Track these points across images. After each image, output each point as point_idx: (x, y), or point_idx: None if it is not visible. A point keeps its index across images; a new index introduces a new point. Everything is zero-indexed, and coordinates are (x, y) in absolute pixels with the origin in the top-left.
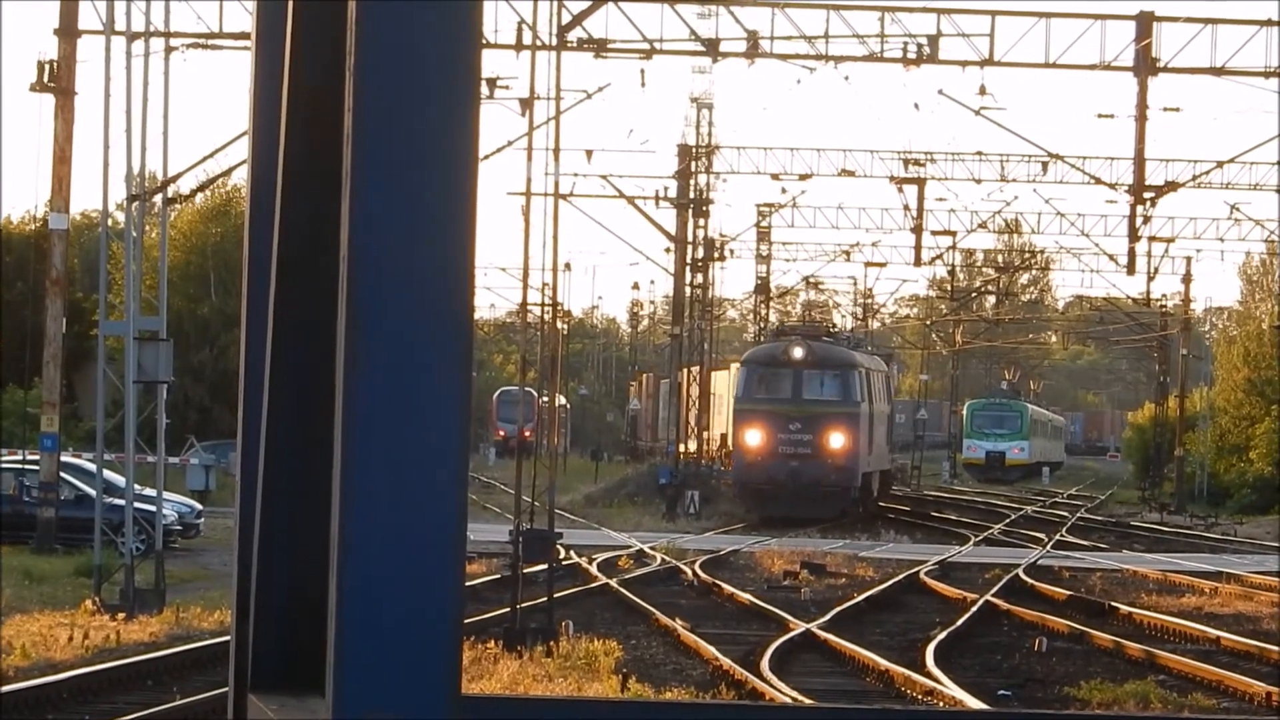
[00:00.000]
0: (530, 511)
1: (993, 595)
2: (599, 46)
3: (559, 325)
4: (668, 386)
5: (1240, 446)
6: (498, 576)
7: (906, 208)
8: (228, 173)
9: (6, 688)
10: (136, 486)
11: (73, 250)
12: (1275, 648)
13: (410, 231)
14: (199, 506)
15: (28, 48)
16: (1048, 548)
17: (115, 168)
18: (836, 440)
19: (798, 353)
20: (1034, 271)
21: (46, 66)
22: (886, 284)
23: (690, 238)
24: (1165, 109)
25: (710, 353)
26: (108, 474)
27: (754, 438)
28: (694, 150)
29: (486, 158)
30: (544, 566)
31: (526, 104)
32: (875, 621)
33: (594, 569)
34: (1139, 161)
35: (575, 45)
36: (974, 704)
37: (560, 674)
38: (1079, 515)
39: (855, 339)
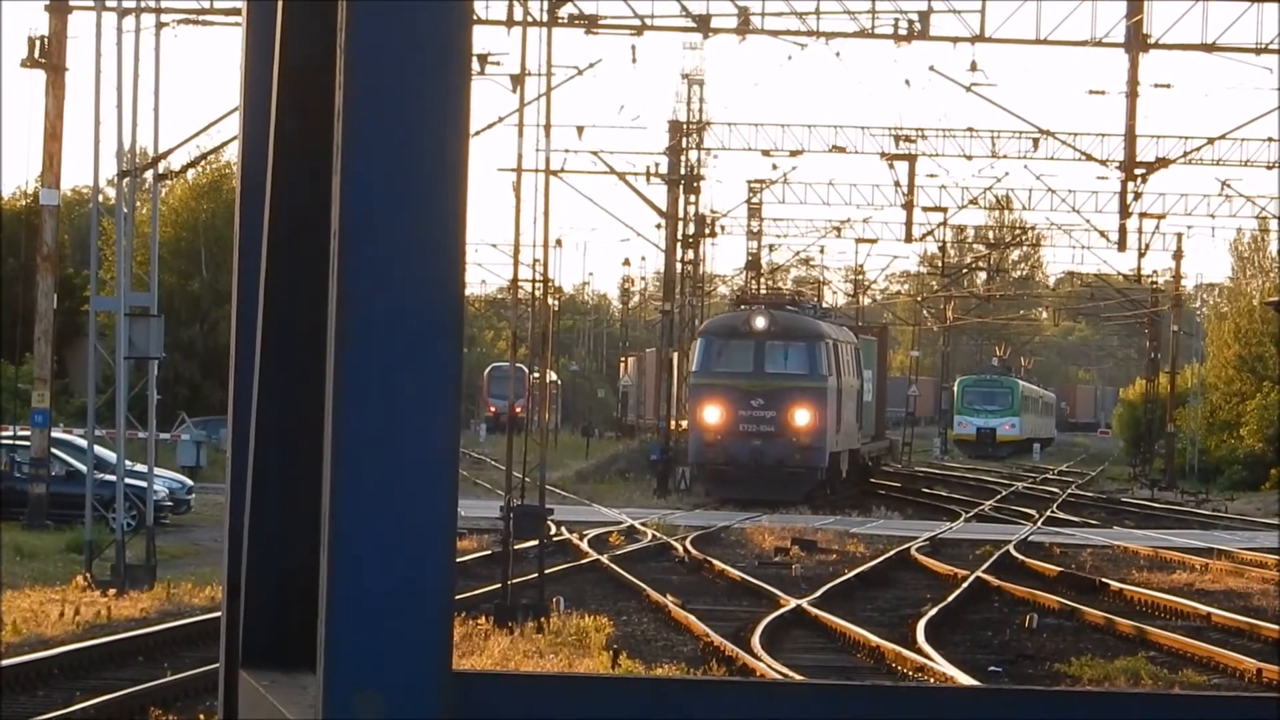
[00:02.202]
0: (521, 487)
1: (983, 572)
2: (590, 23)
3: (550, 301)
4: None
5: (1231, 423)
6: (489, 553)
7: (897, 184)
8: (219, 149)
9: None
10: (127, 462)
11: (64, 226)
12: (1266, 624)
13: (401, 208)
14: (190, 483)
15: (19, 23)
16: (1038, 524)
17: (106, 144)
18: (801, 417)
19: (759, 323)
20: (1025, 248)
21: (37, 42)
22: (878, 260)
23: (681, 214)
24: (1156, 85)
25: None
26: (99, 450)
27: (712, 415)
28: (685, 126)
29: (477, 134)
30: (535, 543)
31: (517, 80)
32: (866, 598)
33: (585, 545)
34: (1130, 138)
35: (566, 21)
36: (965, 680)
37: (551, 650)
38: (1070, 491)
39: (822, 309)
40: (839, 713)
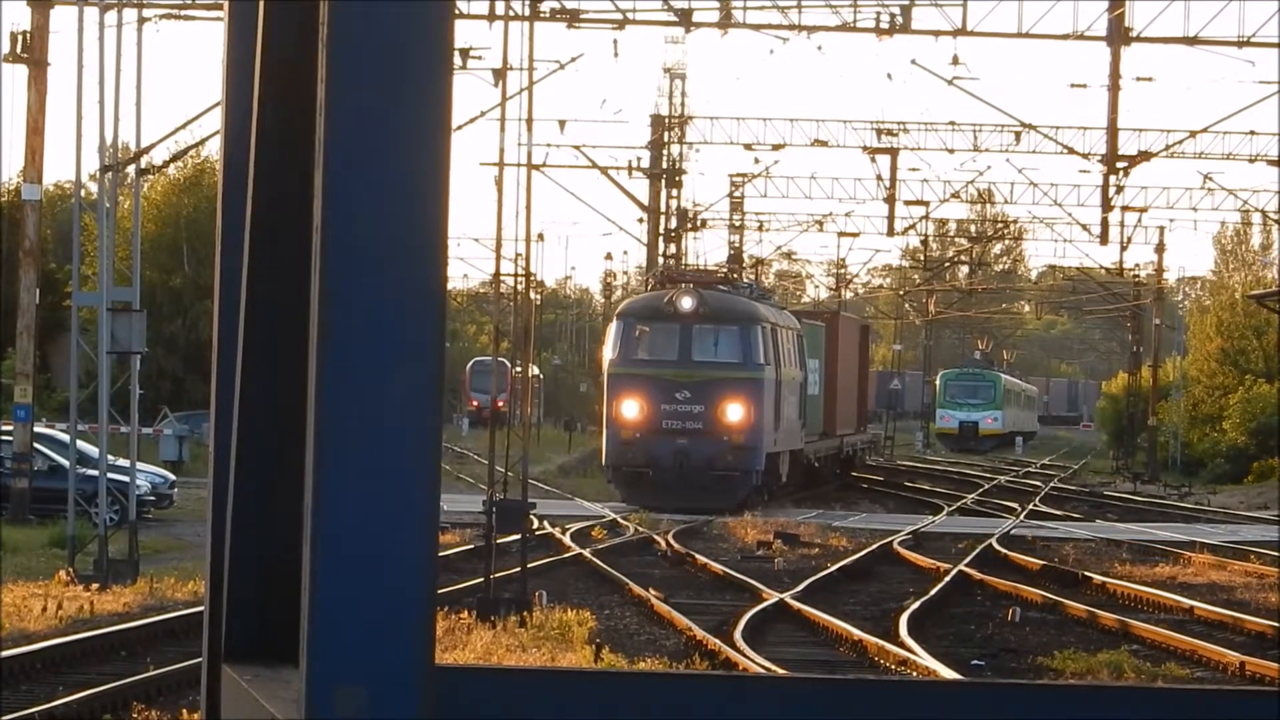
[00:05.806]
0: (504, 482)
1: (966, 565)
2: (572, 17)
3: (532, 295)
4: None
5: (1213, 416)
6: (471, 547)
7: (879, 178)
8: (201, 143)
9: None
10: (110, 457)
11: (46, 221)
12: (1249, 617)
13: (383, 202)
14: (172, 477)
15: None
16: (1021, 518)
17: (88, 139)
18: (734, 412)
19: (686, 304)
20: (1007, 241)
21: (19, 37)
22: (860, 254)
23: (663, 208)
24: (1138, 79)
25: None
26: (81, 445)
27: (631, 409)
28: (667, 120)
29: (459, 128)
30: (517, 537)
31: (499, 74)
32: (848, 592)
33: (567, 539)
34: (1112, 131)
35: (548, 15)
36: (947, 674)
37: (534, 644)
38: (1052, 485)
39: (759, 290)
40: (822, 707)
